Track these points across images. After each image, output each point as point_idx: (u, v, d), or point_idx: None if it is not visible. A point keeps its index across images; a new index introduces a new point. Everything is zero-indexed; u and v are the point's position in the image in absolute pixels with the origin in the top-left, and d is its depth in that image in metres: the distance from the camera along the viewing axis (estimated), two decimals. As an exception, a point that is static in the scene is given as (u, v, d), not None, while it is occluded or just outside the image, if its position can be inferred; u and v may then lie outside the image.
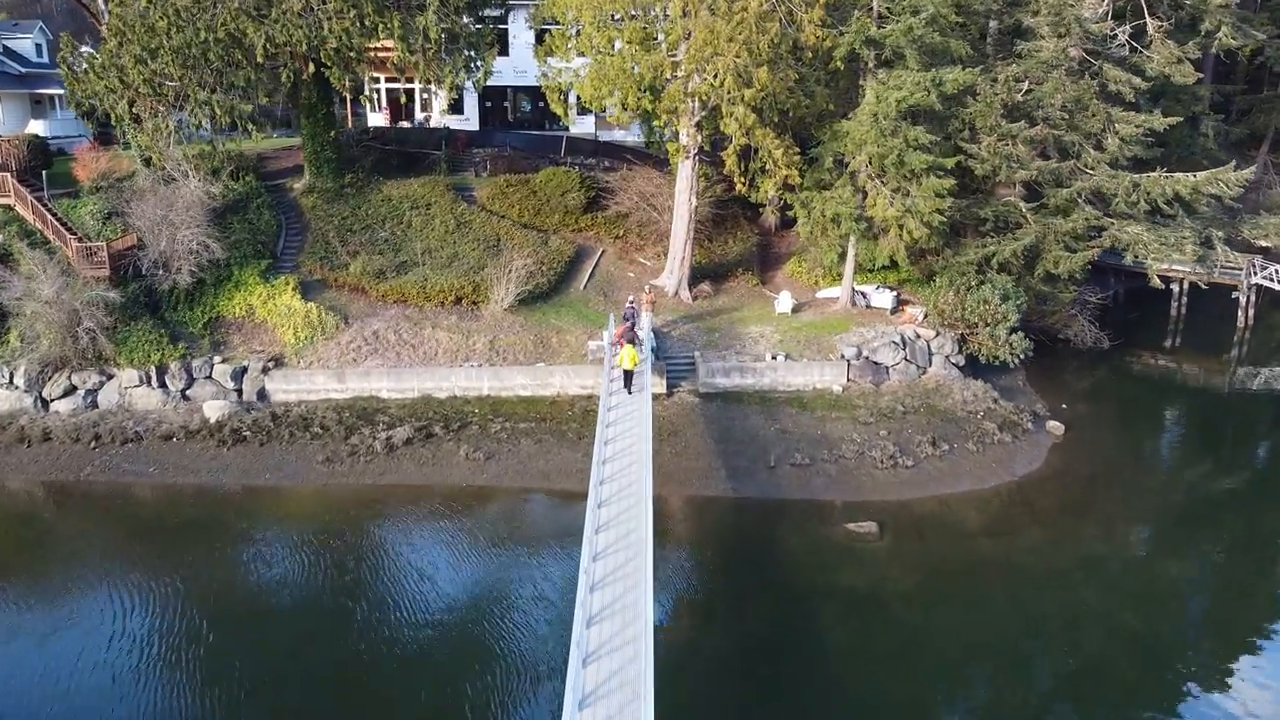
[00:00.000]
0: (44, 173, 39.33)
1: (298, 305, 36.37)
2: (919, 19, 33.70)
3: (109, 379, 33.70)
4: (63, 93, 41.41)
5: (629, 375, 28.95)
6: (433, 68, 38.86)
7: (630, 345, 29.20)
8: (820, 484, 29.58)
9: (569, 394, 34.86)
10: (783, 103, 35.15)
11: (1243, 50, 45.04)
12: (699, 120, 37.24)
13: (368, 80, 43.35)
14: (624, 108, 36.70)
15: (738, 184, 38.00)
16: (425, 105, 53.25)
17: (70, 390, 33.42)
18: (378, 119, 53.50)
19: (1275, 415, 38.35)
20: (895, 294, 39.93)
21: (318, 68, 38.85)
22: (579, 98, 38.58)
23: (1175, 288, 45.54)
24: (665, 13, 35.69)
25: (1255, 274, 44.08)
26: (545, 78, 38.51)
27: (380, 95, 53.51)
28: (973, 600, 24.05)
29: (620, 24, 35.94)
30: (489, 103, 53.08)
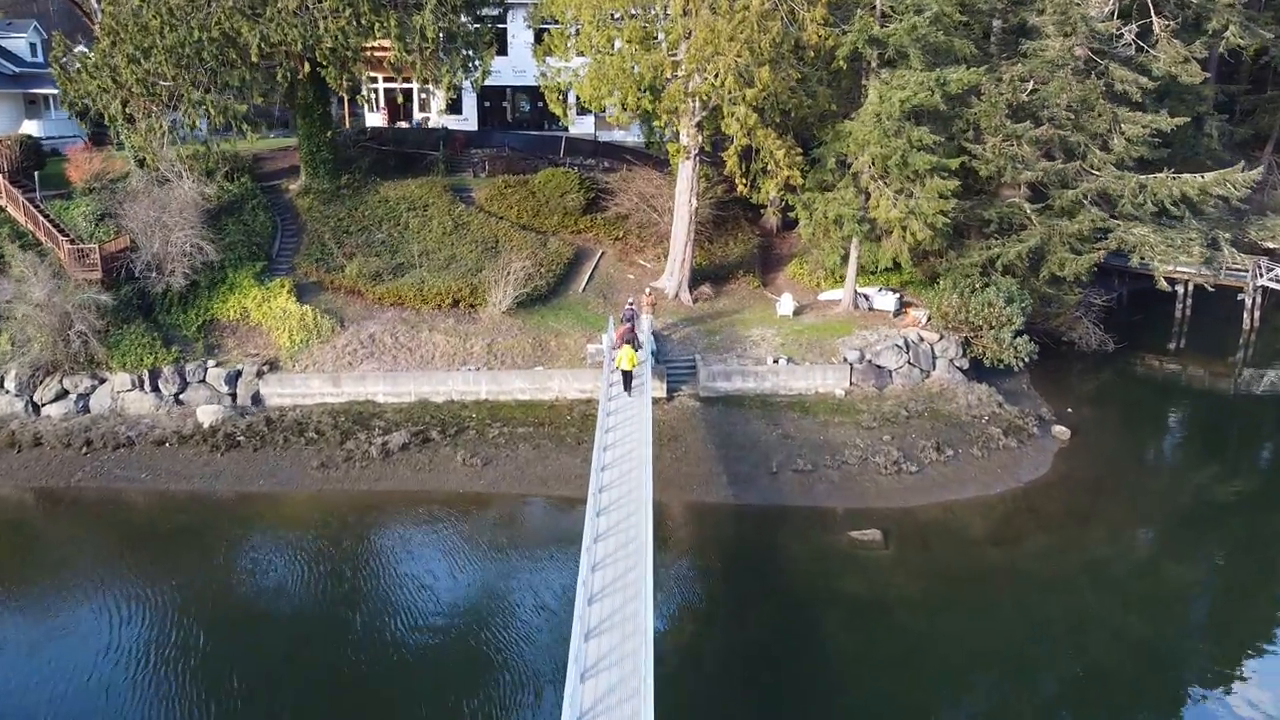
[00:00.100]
0: (36, 174, 38.86)
1: (293, 308, 35.92)
2: (923, 18, 33.27)
3: (101, 383, 33.26)
4: (56, 93, 41.01)
5: (628, 376, 28.75)
6: (430, 67, 38.40)
7: (628, 346, 28.96)
8: (823, 490, 29.12)
9: (568, 398, 34.42)
10: (784, 103, 34.77)
11: (1247, 50, 44.57)
12: (700, 120, 36.83)
13: (365, 80, 42.95)
14: (624, 108, 36.32)
15: (739, 185, 37.59)
16: (423, 105, 52.85)
17: (62, 394, 32.99)
18: (376, 119, 53.15)
19: (1282, 418, 37.98)
20: (898, 296, 39.47)
21: (313, 67, 38.37)
22: (578, 98, 38.26)
23: (1180, 289, 45.10)
24: (665, 11, 35.31)
25: (1261, 275, 43.70)
26: (544, 77, 38.08)
27: (378, 95, 53.17)
28: (980, 609, 23.58)
29: (620, 23, 35.52)
30: (488, 103, 52.69)
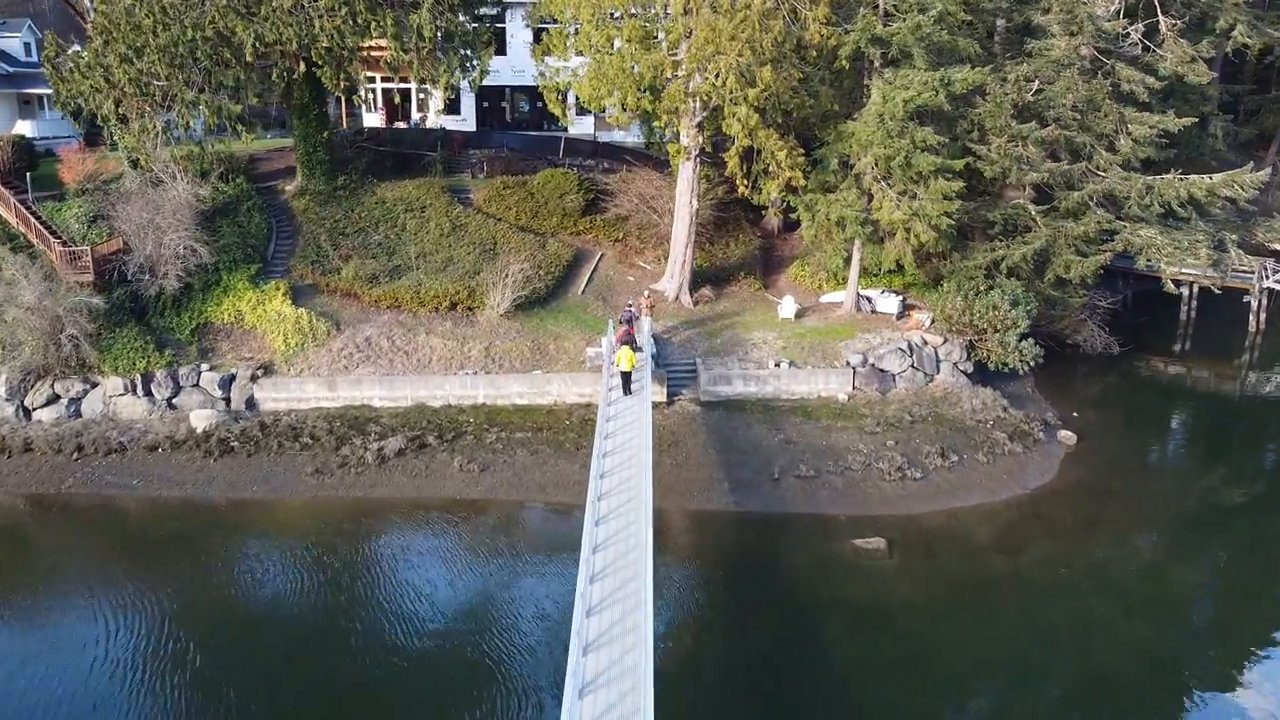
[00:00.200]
0: (28, 174, 38.42)
1: (288, 311, 35.42)
2: (927, 16, 32.76)
3: (93, 387, 32.78)
4: (51, 93, 40.44)
5: (626, 377, 28.45)
6: (427, 67, 37.91)
7: (627, 347, 28.69)
8: (826, 497, 28.64)
9: (566, 402, 33.93)
10: (786, 103, 34.30)
11: (1252, 50, 44.11)
12: (700, 121, 36.35)
13: (362, 80, 42.44)
14: (623, 108, 35.86)
15: (740, 186, 37.13)
16: (421, 106, 52.36)
17: (53, 399, 32.52)
18: (374, 119, 52.67)
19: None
20: (901, 299, 38.98)
21: (309, 67, 37.84)
22: (577, 98, 37.79)
23: (1185, 291, 44.64)
24: (666, 10, 34.85)
25: (1268, 277, 43.28)
26: (543, 77, 37.59)
27: (376, 95, 52.70)
28: (987, 621, 23.09)
29: (619, 22, 35.03)
30: (486, 103, 52.23)
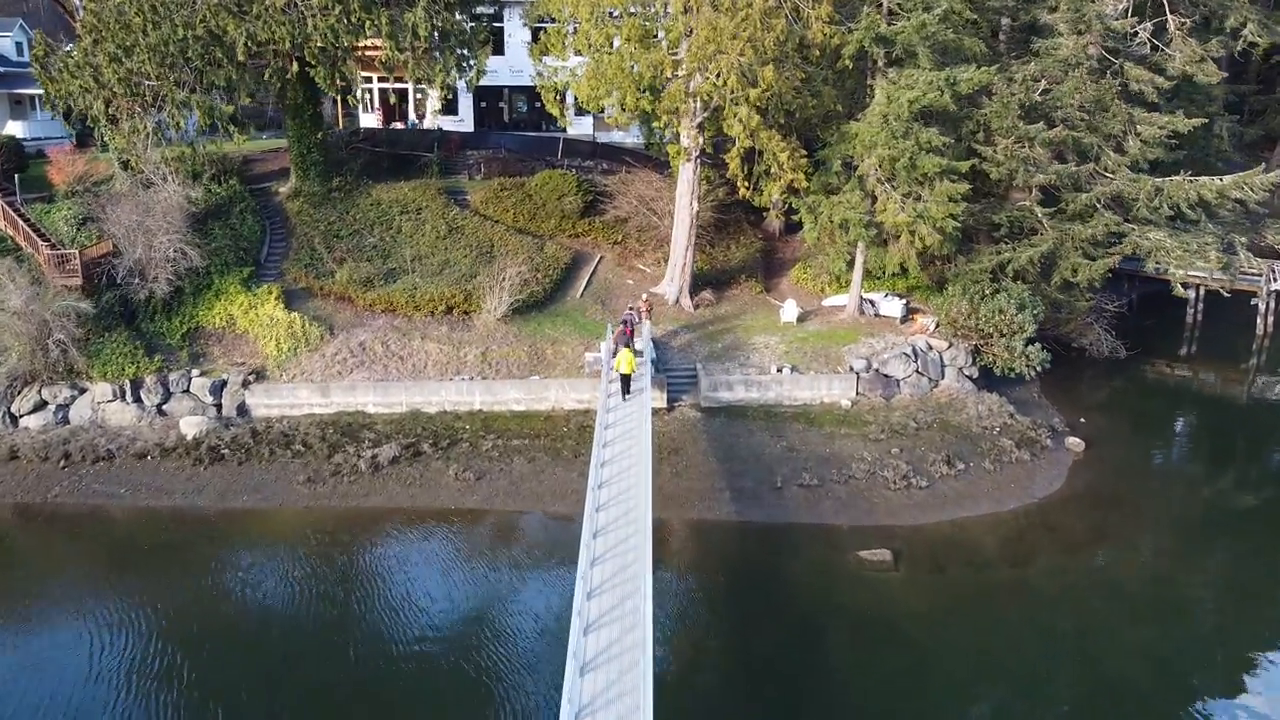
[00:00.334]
0: (17, 176, 37.78)
1: (281, 315, 34.78)
2: (932, 15, 32.16)
3: (81, 393, 32.12)
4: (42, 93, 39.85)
5: (626, 379, 27.98)
6: (422, 66, 37.28)
7: (627, 349, 28.24)
8: (830, 507, 27.98)
9: (564, 408, 33.31)
10: (788, 103, 33.72)
11: (1258, 50, 43.45)
12: (701, 121, 35.72)
13: (358, 80, 41.79)
14: (623, 108, 35.23)
15: (741, 188, 36.47)
16: (418, 106, 51.73)
17: (40, 405, 31.86)
18: (370, 120, 52.06)
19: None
20: (905, 302, 38.36)
21: (302, 67, 37.20)
22: (576, 98, 37.13)
23: (1192, 294, 44.04)
24: (666, 9, 34.26)
25: (1276, 280, 42.66)
26: (541, 77, 36.97)
27: (373, 96, 52.09)
28: (998, 638, 22.39)
29: (618, 20, 34.39)
30: (484, 103, 51.63)
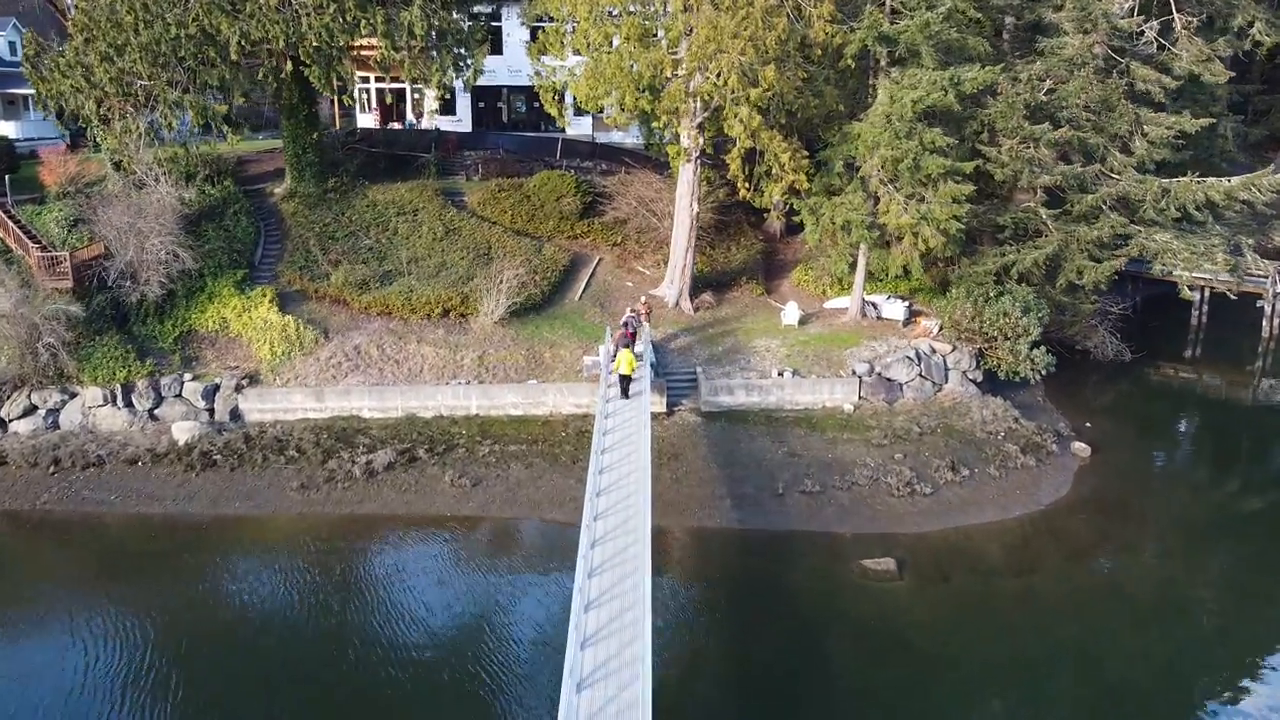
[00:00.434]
0: (8, 177, 37.30)
1: (275, 318, 34.29)
2: (935, 13, 31.71)
3: (71, 398, 31.64)
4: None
5: (625, 380, 27.61)
6: (419, 66, 36.82)
7: (626, 350, 27.90)
8: (832, 514, 27.48)
9: (563, 413, 32.81)
10: (790, 103, 33.23)
11: (1262, 49, 43.00)
12: (701, 121, 35.24)
13: (354, 80, 41.34)
14: (622, 108, 34.74)
15: (741, 189, 35.96)
16: (416, 106, 51.25)
17: (30, 410, 31.39)
18: (367, 120, 51.59)
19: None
20: (907, 305, 37.87)
21: (297, 66, 36.70)
22: (575, 98, 36.60)
23: (1197, 296, 43.57)
24: (665, 7, 33.76)
25: (1281, 282, 42.22)
26: (539, 77, 36.47)
27: (370, 96, 51.62)
28: (1009, 651, 21.83)
29: (618, 19, 33.89)
30: (482, 103, 51.14)
